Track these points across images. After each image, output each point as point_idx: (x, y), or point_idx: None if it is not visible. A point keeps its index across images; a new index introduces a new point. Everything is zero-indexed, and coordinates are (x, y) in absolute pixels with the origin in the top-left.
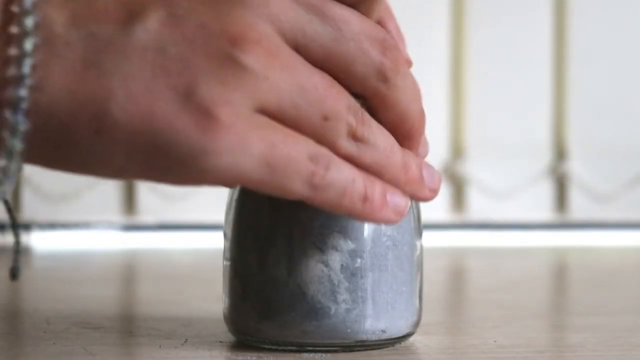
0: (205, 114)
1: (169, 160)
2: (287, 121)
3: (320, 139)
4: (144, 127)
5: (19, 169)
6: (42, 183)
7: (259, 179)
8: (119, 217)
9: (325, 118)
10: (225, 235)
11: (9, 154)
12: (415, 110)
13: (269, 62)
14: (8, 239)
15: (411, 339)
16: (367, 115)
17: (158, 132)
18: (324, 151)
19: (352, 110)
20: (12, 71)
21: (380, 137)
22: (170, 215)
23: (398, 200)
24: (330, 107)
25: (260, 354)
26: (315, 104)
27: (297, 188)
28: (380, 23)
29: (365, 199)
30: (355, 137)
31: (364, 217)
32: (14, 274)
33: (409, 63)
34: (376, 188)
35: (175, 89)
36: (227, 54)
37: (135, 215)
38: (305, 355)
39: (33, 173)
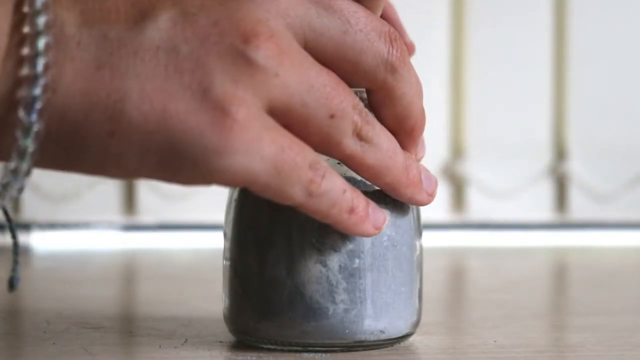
0: (221, 113)
1: (182, 160)
2: (294, 119)
3: (326, 137)
4: (158, 128)
5: (29, 172)
6: (42, 183)
7: (264, 181)
8: (119, 217)
9: (332, 116)
10: (225, 235)
11: (21, 155)
12: (419, 106)
13: (279, 59)
14: (8, 239)
15: (411, 339)
16: (371, 116)
17: (172, 132)
18: (321, 160)
19: (358, 110)
20: (25, 71)
21: (383, 138)
22: (170, 215)
23: (378, 214)
24: (337, 105)
25: (260, 354)
26: (323, 102)
27: (296, 194)
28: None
29: (351, 210)
30: (360, 136)
31: (346, 228)
32: (12, 284)
33: (412, 48)
34: (361, 201)
35: (190, 88)
36: (239, 51)
37: (135, 215)
38: (305, 355)
39: (33, 173)
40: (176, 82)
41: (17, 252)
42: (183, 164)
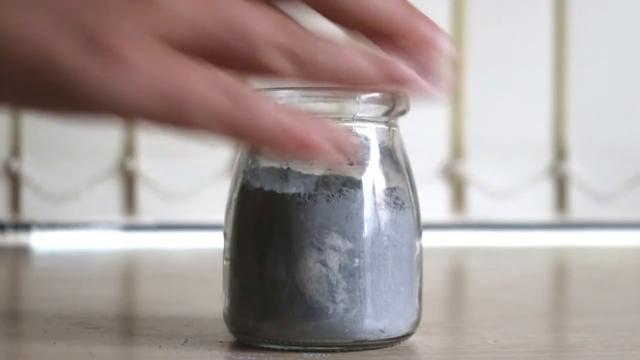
0: (97, 43)
1: (48, 84)
2: (206, 52)
3: (248, 64)
4: (32, 54)
5: None
6: (42, 183)
7: (153, 111)
8: (119, 217)
9: (248, 44)
10: (225, 235)
11: None
12: (377, 4)
13: None
14: (8, 239)
15: (411, 338)
16: (300, 29)
17: (48, 59)
18: (231, 81)
19: (280, 29)
20: None
21: (323, 47)
22: (170, 215)
23: (343, 139)
24: (252, 30)
25: (260, 354)
26: (235, 30)
27: (204, 122)
28: None
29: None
30: (287, 53)
31: (284, 145)
32: None
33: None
34: (298, 119)
35: (69, 18)
36: None
37: (135, 215)
38: (305, 355)
39: (33, 173)
40: (60, 9)
41: None
42: (50, 88)
